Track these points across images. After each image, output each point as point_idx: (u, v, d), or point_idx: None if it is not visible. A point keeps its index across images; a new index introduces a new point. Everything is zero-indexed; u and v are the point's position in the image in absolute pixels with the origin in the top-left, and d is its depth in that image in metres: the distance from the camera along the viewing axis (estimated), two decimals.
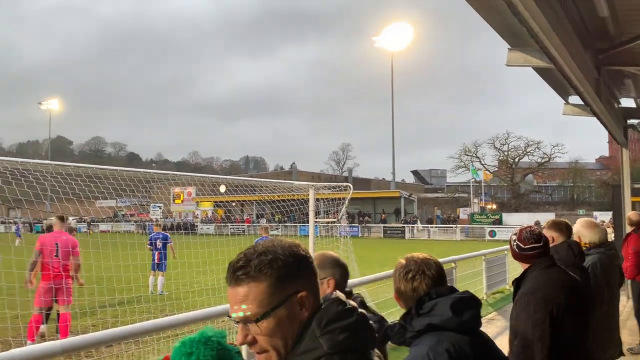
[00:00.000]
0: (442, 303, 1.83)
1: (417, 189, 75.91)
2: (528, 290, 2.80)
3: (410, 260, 2.02)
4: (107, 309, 8.36)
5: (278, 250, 1.20)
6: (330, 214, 11.57)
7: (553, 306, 2.70)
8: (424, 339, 1.80)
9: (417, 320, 1.85)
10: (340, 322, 1.19)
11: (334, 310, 1.21)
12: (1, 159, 5.69)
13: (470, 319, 1.82)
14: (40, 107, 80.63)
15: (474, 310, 1.86)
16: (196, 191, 58.91)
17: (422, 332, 1.83)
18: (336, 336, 1.17)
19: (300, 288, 1.21)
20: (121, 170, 7.56)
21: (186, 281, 13.79)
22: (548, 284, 2.80)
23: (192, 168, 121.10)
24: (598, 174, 68.96)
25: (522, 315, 2.74)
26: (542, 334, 2.64)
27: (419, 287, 1.93)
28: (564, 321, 2.70)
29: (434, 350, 1.74)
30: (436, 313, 1.82)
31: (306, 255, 1.26)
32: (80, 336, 5.01)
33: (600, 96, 6.80)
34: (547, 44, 4.57)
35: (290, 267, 1.19)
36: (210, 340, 1.16)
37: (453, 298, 1.84)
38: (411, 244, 34.64)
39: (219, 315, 5.10)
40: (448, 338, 1.76)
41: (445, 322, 1.79)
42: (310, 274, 1.25)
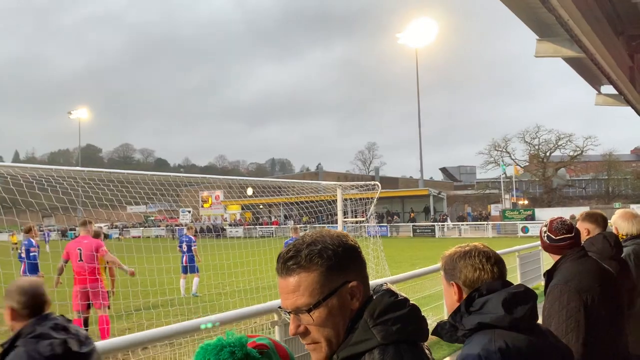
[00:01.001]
0: (494, 299, 1.73)
1: (446, 187, 75.05)
2: (560, 281, 2.72)
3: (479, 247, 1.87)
4: (142, 311, 8.50)
5: (327, 240, 1.21)
6: (358, 214, 11.53)
7: (587, 296, 2.62)
8: (476, 338, 1.72)
9: (468, 318, 1.76)
10: (393, 313, 1.19)
11: (386, 302, 1.21)
12: (36, 166, 5.85)
13: (524, 315, 1.71)
14: (70, 116, 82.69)
15: (529, 304, 1.75)
16: (224, 194, 59.58)
17: (473, 331, 1.75)
18: (389, 327, 1.17)
19: (350, 278, 1.21)
20: (151, 175, 7.69)
21: (218, 283, 13.94)
22: (581, 274, 2.72)
23: (219, 172, 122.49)
24: (634, 166, 66.96)
25: (556, 305, 2.66)
26: (577, 325, 2.57)
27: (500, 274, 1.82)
28: (599, 312, 2.62)
29: (486, 350, 1.66)
30: (487, 311, 1.72)
31: (355, 245, 1.26)
32: (116, 338, 5.11)
33: (635, 84, 6.61)
34: (577, 32, 4.46)
35: (340, 256, 1.20)
36: (223, 350, 1.15)
37: (505, 294, 1.73)
38: (442, 243, 34.25)
39: (251, 316, 5.13)
40: (501, 336, 1.67)
41: (496, 321, 1.70)
42: (360, 264, 1.26)
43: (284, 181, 13.38)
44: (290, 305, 1.19)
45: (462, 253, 1.85)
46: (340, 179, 65.00)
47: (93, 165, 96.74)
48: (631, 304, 3.39)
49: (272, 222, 53.66)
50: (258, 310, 5.08)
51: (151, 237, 40.06)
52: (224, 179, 11.69)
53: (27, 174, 5.50)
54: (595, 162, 63.01)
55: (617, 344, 2.74)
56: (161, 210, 36.80)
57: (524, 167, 61.76)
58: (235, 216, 61.83)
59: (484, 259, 1.81)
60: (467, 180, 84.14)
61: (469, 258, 1.83)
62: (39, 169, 5.84)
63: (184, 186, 13.08)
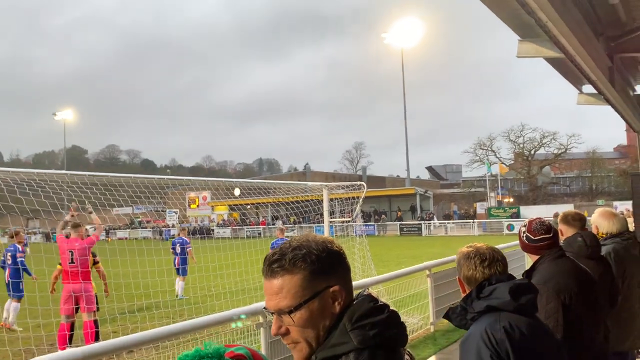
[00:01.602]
0: (501, 288, 1.98)
1: (433, 185, 75.45)
2: (539, 281, 2.78)
3: (481, 249, 2.16)
4: (127, 315, 8.45)
5: (312, 245, 1.24)
6: (344, 214, 11.56)
7: (565, 296, 2.69)
8: (483, 318, 1.97)
9: (477, 302, 2.00)
10: (371, 318, 1.21)
11: (365, 307, 1.24)
12: (17, 170, 5.78)
13: (527, 302, 1.97)
14: (55, 117, 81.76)
15: (531, 295, 2.00)
16: (211, 195, 59.32)
17: (481, 314, 1.98)
18: (367, 332, 1.19)
19: (332, 282, 1.24)
20: (136, 177, 7.65)
21: (204, 285, 13.89)
22: (559, 274, 2.79)
23: (206, 172, 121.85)
24: (617, 163, 67.76)
25: None
26: (556, 324, 2.63)
27: (495, 272, 2.08)
28: (577, 311, 2.69)
29: (492, 327, 1.90)
30: (495, 296, 1.97)
31: (339, 251, 1.29)
32: (101, 343, 5.07)
33: (614, 84, 6.70)
34: (556, 34, 4.51)
35: (324, 261, 1.23)
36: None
37: (511, 283, 1.99)
38: (428, 241, 34.45)
39: (234, 318, 5.13)
40: (506, 317, 1.92)
41: (503, 305, 1.94)
42: (343, 269, 1.28)
43: (270, 182, 13.37)
44: (273, 306, 1.23)
45: (464, 254, 2.17)
46: (327, 178, 65.04)
47: (79, 166, 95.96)
48: (612, 302, 3.45)
49: (259, 223, 53.53)
50: (243, 312, 5.08)
51: (137, 239, 39.76)
52: (209, 180, 11.67)
53: (8, 178, 5.44)
54: (579, 159, 63.74)
55: (595, 342, 2.79)
56: (148, 211, 36.52)
57: (509, 165, 62.28)
58: (222, 217, 61.58)
59: (478, 261, 2.11)
60: (453, 178, 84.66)
61: (467, 259, 2.15)
62: (21, 173, 5.78)
63: (169, 188, 13.01)
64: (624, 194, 49.40)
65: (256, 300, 8.78)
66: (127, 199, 7.59)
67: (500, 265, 2.09)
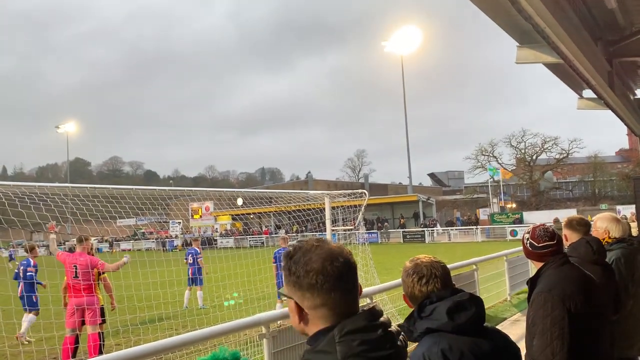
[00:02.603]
0: (440, 307, 1.92)
1: (435, 192, 75.34)
2: (544, 289, 2.74)
3: (419, 265, 2.08)
4: (130, 327, 8.41)
5: (306, 258, 1.31)
6: (347, 222, 11.53)
7: (570, 303, 2.64)
8: (424, 341, 1.92)
9: (419, 323, 1.96)
10: (361, 335, 1.23)
11: (359, 323, 1.25)
12: (19, 184, 5.78)
13: (467, 320, 1.89)
14: (57, 130, 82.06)
15: (472, 310, 1.91)
16: (214, 205, 59.28)
17: (423, 334, 1.94)
18: (353, 347, 1.21)
19: (298, 297, 1.31)
20: (138, 189, 7.65)
21: (206, 296, 13.85)
22: (564, 281, 2.74)
23: (208, 182, 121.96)
24: (619, 167, 67.58)
25: (540, 313, 2.68)
26: (562, 332, 2.58)
27: (433, 290, 2.01)
28: (582, 319, 2.64)
29: (429, 350, 1.86)
30: (434, 317, 1.92)
31: (328, 271, 1.28)
32: (103, 356, 5.05)
33: (613, 88, 6.70)
34: (554, 40, 4.52)
35: (299, 276, 1.30)
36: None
37: (450, 302, 1.92)
38: (432, 248, 34.31)
39: (239, 329, 5.10)
40: (445, 339, 1.86)
41: (441, 326, 1.89)
42: (319, 290, 1.28)
43: (273, 192, 13.37)
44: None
45: (404, 270, 2.12)
46: (330, 186, 65.01)
47: (82, 178, 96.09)
48: (618, 308, 3.41)
49: (262, 232, 53.45)
50: (246, 323, 5.05)
51: (141, 251, 39.71)
52: (212, 190, 11.66)
53: (9, 192, 5.44)
54: (581, 164, 63.58)
55: (600, 350, 2.76)
56: (151, 222, 36.49)
57: (511, 170, 62.16)
58: (225, 227, 61.53)
59: (415, 279, 2.04)
60: (456, 185, 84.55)
61: (407, 277, 2.09)
62: (22, 187, 5.78)
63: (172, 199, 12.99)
64: (626, 198, 49.22)
65: (259, 310, 8.75)
66: (129, 211, 7.59)
67: (439, 281, 2.00)
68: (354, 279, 1.33)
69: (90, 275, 7.93)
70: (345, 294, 1.29)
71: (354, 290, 1.32)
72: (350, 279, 1.31)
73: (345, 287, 1.29)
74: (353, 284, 1.32)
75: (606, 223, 4.06)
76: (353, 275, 1.32)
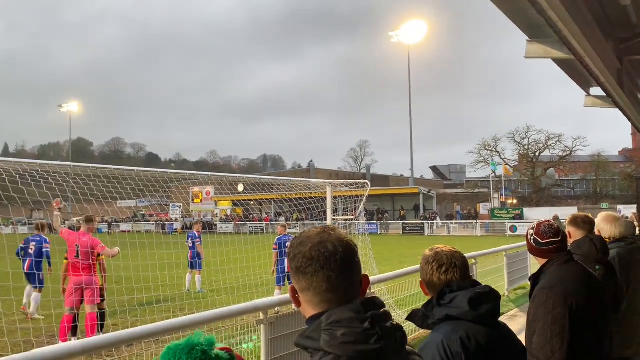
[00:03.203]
0: (461, 296, 1.97)
1: (436, 185, 75.29)
2: (546, 286, 2.72)
3: (440, 254, 2.12)
4: (127, 308, 8.44)
5: (302, 244, 1.34)
6: (348, 212, 11.52)
7: (572, 301, 2.62)
8: (442, 327, 1.97)
9: (438, 309, 2.01)
10: (346, 326, 1.22)
11: (346, 314, 1.24)
12: (20, 161, 5.76)
13: (487, 312, 1.96)
14: (60, 109, 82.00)
15: (492, 304, 2.00)
16: (215, 190, 59.30)
17: (441, 321, 1.99)
18: (337, 337, 1.21)
19: (296, 281, 1.34)
20: (139, 171, 7.62)
21: (205, 280, 13.90)
22: (567, 279, 2.72)
23: (210, 167, 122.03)
24: (622, 167, 67.37)
25: (541, 310, 2.66)
26: (562, 330, 2.57)
27: (452, 278, 2.05)
28: (584, 317, 2.63)
29: (448, 337, 1.91)
30: (455, 305, 1.97)
31: (317, 258, 1.29)
32: (101, 336, 5.06)
33: (622, 87, 6.63)
34: (566, 34, 4.45)
35: (297, 262, 1.33)
36: (194, 349, 1.13)
37: (472, 292, 1.98)
38: (431, 241, 34.32)
39: (237, 314, 5.11)
40: (463, 327, 1.92)
41: (462, 314, 1.95)
42: (311, 276, 1.30)
43: (274, 179, 13.35)
44: None
45: (424, 258, 2.16)
46: (331, 176, 65.03)
47: (84, 158, 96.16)
48: (616, 307, 3.40)
49: (263, 219, 53.54)
50: (244, 308, 5.05)
51: (140, 232, 39.83)
52: (213, 175, 11.63)
53: (10, 169, 5.43)
54: (584, 162, 63.44)
55: (600, 349, 2.74)
56: (152, 205, 36.56)
57: (514, 166, 62.05)
58: (225, 212, 61.62)
59: (435, 267, 2.08)
60: (457, 179, 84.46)
61: (426, 264, 2.13)
62: (24, 164, 5.76)
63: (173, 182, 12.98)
64: (628, 198, 49.20)
65: (258, 296, 8.76)
66: (131, 192, 7.57)
67: (459, 271, 2.06)
68: (348, 268, 1.30)
69: (90, 256, 7.96)
70: (331, 280, 1.28)
71: (347, 279, 1.30)
72: (342, 266, 1.29)
73: (332, 273, 1.27)
74: (345, 272, 1.29)
75: (598, 222, 4.05)
76: (345, 264, 1.30)
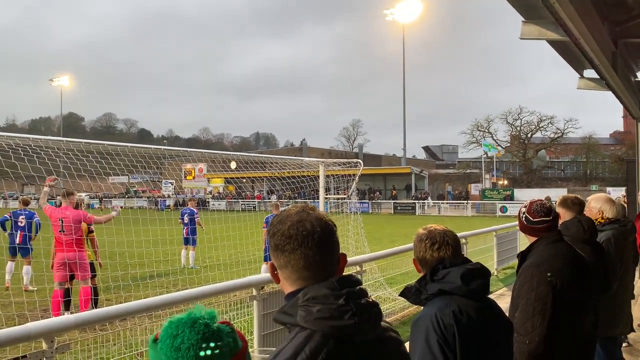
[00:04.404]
0: (454, 272, 2.05)
1: (428, 165, 75.46)
2: (533, 263, 2.80)
3: (433, 232, 2.19)
4: (121, 283, 8.49)
5: (280, 222, 1.38)
6: (340, 191, 11.56)
7: (557, 280, 2.70)
8: (435, 301, 2.05)
9: (431, 285, 2.09)
10: (321, 302, 1.26)
11: (322, 291, 1.28)
12: (12, 135, 5.71)
13: (478, 287, 2.05)
14: (51, 84, 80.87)
15: (482, 280, 2.08)
16: (207, 168, 59.13)
17: (434, 296, 2.07)
18: (312, 314, 1.25)
19: (274, 258, 1.38)
20: (132, 147, 7.59)
21: (198, 256, 13.97)
22: (553, 258, 2.79)
23: (202, 144, 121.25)
24: (612, 149, 67.77)
25: (525, 287, 2.75)
26: (544, 308, 2.66)
27: (445, 255, 2.13)
28: (566, 296, 2.70)
29: (441, 311, 2.00)
30: (448, 280, 2.05)
31: (294, 236, 1.33)
32: (94, 310, 5.11)
33: (616, 70, 6.64)
34: (562, 16, 4.44)
35: (275, 240, 1.37)
36: (197, 322, 1.15)
37: (463, 268, 2.06)
38: (422, 220, 34.54)
39: (230, 290, 5.16)
40: (456, 301, 2.01)
41: (454, 289, 2.03)
42: (289, 254, 1.33)
43: (267, 157, 13.33)
44: None
45: (418, 236, 2.24)
46: (324, 155, 64.87)
47: (75, 133, 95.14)
48: (604, 287, 3.47)
49: (255, 196, 53.55)
50: (238, 284, 5.11)
51: (133, 208, 39.76)
52: (206, 152, 11.59)
53: (3, 143, 5.38)
54: (575, 144, 63.73)
55: (581, 327, 2.82)
56: (144, 181, 36.49)
57: (505, 147, 62.25)
58: (218, 189, 61.55)
59: (428, 244, 2.16)
60: (449, 159, 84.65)
61: (419, 242, 2.21)
62: (16, 138, 5.71)
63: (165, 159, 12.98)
64: (617, 180, 49.59)
65: (250, 272, 8.84)
66: (124, 168, 7.55)
67: (450, 249, 2.14)
68: (325, 246, 1.33)
69: (78, 230, 7.91)
70: (308, 258, 1.31)
71: (324, 257, 1.33)
72: (319, 245, 1.32)
73: (309, 251, 1.31)
74: (322, 250, 1.32)
75: (600, 203, 4.09)
76: (323, 242, 1.33)
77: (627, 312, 4.08)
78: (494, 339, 2.05)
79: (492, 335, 2.04)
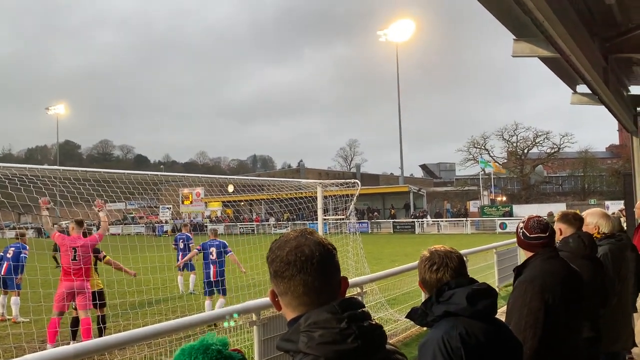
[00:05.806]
0: (459, 293, 2.03)
1: (426, 183, 75.56)
2: (527, 278, 2.84)
3: (434, 253, 2.20)
4: (119, 311, 8.40)
5: (279, 249, 1.36)
6: (338, 211, 11.55)
7: (550, 296, 2.73)
8: (442, 324, 2.03)
9: (437, 306, 2.07)
10: (323, 327, 1.24)
11: (323, 315, 1.27)
12: (8, 165, 5.71)
13: (484, 308, 2.02)
14: (47, 112, 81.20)
15: (489, 300, 2.06)
16: (205, 192, 59.08)
17: (440, 317, 2.05)
18: (314, 339, 1.23)
19: (274, 284, 1.37)
20: (129, 174, 7.59)
21: (197, 282, 13.86)
22: (547, 274, 2.82)
23: (200, 169, 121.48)
24: (609, 163, 68.08)
25: (519, 302, 2.78)
26: (535, 322, 2.68)
27: (443, 277, 2.12)
28: (559, 312, 2.72)
29: (448, 334, 1.97)
30: (453, 302, 2.03)
31: (292, 263, 1.32)
32: (93, 340, 5.04)
33: (608, 84, 6.73)
34: (552, 34, 4.52)
35: (274, 267, 1.36)
36: (209, 349, 1.15)
37: (469, 289, 2.04)
38: (421, 239, 34.51)
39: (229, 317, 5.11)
40: (462, 323, 1.98)
41: (460, 310, 2.01)
42: (289, 280, 1.33)
43: (265, 179, 13.34)
44: None
45: (420, 258, 2.26)
46: (321, 175, 65.07)
47: (72, 161, 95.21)
48: (603, 303, 3.46)
49: (253, 219, 53.44)
50: (236, 310, 5.06)
51: (130, 235, 39.59)
52: (203, 177, 11.60)
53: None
54: (572, 159, 64.03)
55: (572, 343, 2.84)
56: (142, 207, 36.31)
57: (502, 164, 62.50)
58: (215, 213, 61.40)
59: (427, 265, 2.18)
60: (447, 177, 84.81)
61: (421, 263, 2.23)
62: (12, 168, 5.71)
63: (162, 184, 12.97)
64: (615, 194, 49.71)
65: (249, 297, 8.76)
66: (120, 195, 7.53)
67: (449, 270, 2.13)
68: (324, 271, 1.32)
69: (88, 260, 7.81)
70: (308, 283, 1.30)
71: (324, 282, 1.32)
72: (318, 270, 1.31)
73: (309, 277, 1.30)
74: (321, 275, 1.31)
75: (596, 218, 4.10)
76: (322, 267, 1.31)
77: (628, 327, 4.05)
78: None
79: (501, 358, 2.02)
